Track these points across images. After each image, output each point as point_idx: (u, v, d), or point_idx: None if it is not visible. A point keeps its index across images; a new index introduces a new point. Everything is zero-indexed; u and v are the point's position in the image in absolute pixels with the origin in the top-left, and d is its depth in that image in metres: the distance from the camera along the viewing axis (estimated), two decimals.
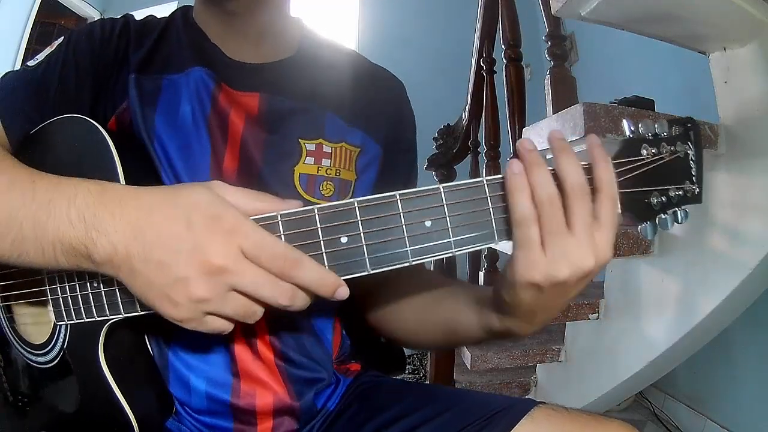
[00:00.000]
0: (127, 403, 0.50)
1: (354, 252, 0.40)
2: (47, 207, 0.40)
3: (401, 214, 0.40)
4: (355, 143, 0.62)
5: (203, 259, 0.37)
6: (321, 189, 0.59)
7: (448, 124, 1.99)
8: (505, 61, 1.56)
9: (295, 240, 0.40)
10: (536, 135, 1.24)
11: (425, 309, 0.61)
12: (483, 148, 1.69)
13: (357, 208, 0.40)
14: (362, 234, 0.40)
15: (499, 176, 0.42)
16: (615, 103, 1.11)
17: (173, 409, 0.58)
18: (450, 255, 0.41)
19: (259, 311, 0.40)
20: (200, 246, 0.37)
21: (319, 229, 0.40)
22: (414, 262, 0.41)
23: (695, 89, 1.49)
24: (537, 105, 1.60)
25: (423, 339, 0.64)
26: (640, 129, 0.43)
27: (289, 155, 0.59)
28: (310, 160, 0.59)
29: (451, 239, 0.41)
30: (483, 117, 1.73)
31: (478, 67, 1.78)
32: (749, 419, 1.61)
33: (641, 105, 1.10)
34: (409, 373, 2.57)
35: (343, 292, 0.40)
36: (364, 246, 0.40)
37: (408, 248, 0.41)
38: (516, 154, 0.41)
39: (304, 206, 0.41)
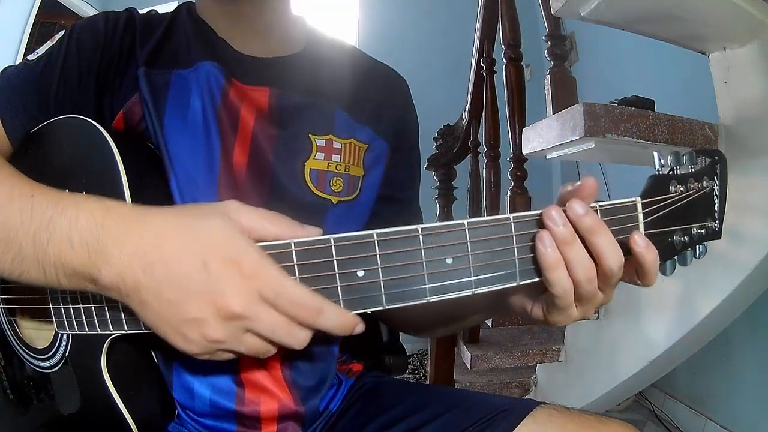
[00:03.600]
0: (128, 411, 0.49)
1: (370, 287, 0.38)
2: (47, 227, 0.38)
3: (422, 249, 0.38)
4: (364, 140, 0.62)
5: (221, 305, 0.35)
6: (331, 184, 0.59)
7: (448, 124, 1.99)
8: (505, 61, 1.56)
9: (309, 271, 0.38)
10: (536, 135, 1.23)
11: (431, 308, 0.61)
12: (483, 148, 1.69)
13: (376, 241, 0.38)
14: (380, 269, 0.38)
15: (526, 213, 0.40)
16: (615, 103, 1.11)
17: (175, 414, 0.57)
18: (469, 295, 0.39)
19: (273, 350, 0.39)
20: (217, 291, 0.35)
21: (335, 261, 0.38)
22: (432, 300, 0.39)
23: (695, 89, 1.48)
24: (537, 105, 1.60)
25: (424, 325, 0.65)
26: (670, 160, 0.43)
27: (300, 151, 0.58)
28: (320, 155, 0.59)
29: (472, 278, 0.39)
30: (483, 117, 1.73)
31: (478, 67, 1.78)
32: (749, 419, 1.61)
33: (641, 105, 1.10)
34: (409, 373, 2.57)
35: (360, 329, 0.39)
36: (381, 281, 0.38)
37: (427, 285, 0.38)
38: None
39: (321, 234, 0.39)
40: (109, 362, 0.49)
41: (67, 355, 0.51)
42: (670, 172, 0.43)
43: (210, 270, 0.35)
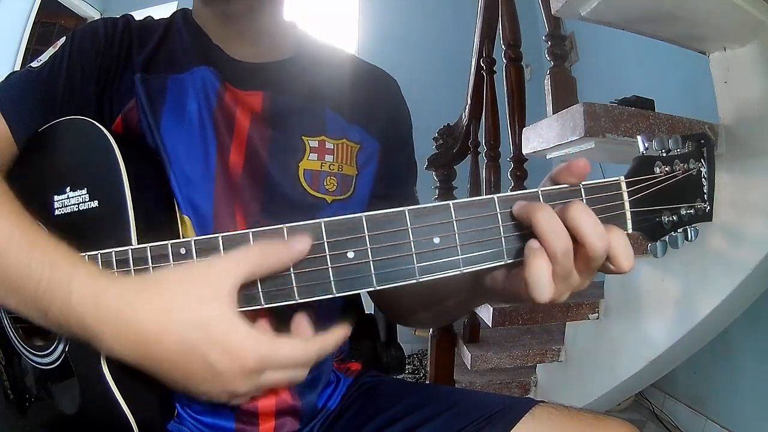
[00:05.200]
0: (129, 408, 0.49)
1: (361, 268, 0.39)
2: (46, 291, 0.39)
3: (410, 229, 0.39)
4: (355, 139, 0.64)
5: (230, 391, 0.40)
6: (325, 184, 0.60)
7: (448, 124, 1.99)
8: (505, 61, 1.56)
9: None
10: (536, 135, 1.23)
11: (417, 292, 0.60)
12: (483, 148, 1.69)
13: (365, 223, 0.39)
14: (369, 249, 0.39)
15: (510, 193, 0.41)
16: (615, 103, 1.11)
17: (174, 413, 0.57)
18: (458, 273, 0.40)
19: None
20: (224, 384, 0.39)
21: (326, 244, 0.39)
22: (422, 280, 0.40)
23: (695, 89, 1.49)
24: (537, 105, 1.60)
25: (421, 319, 0.65)
26: (654, 144, 0.43)
27: (294, 152, 0.60)
28: (313, 156, 0.60)
29: (460, 257, 0.40)
30: (483, 117, 1.73)
31: (478, 67, 1.78)
32: (749, 419, 1.61)
33: (641, 105, 1.10)
34: (409, 373, 2.57)
35: (347, 334, 0.44)
36: (371, 262, 0.39)
37: (416, 265, 0.39)
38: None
39: (310, 241, 0.40)
40: (108, 357, 0.49)
41: (66, 350, 0.51)
42: (656, 154, 0.43)
43: (213, 365, 0.38)
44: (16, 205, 0.44)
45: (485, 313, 1.41)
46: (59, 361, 0.52)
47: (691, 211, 0.43)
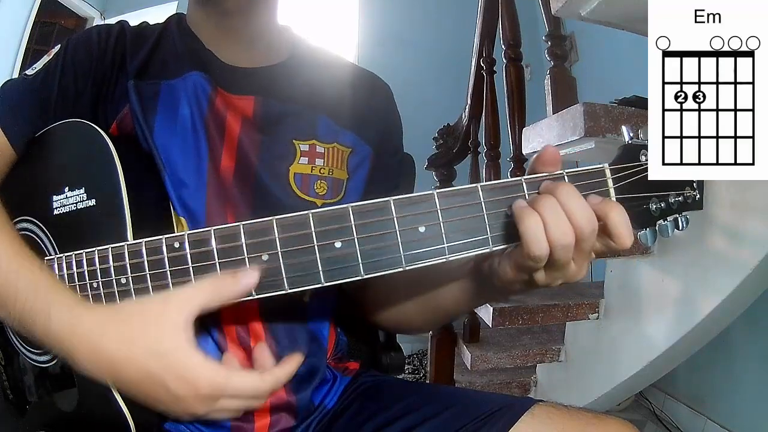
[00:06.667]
0: (126, 406, 0.49)
1: (348, 257, 0.41)
2: (30, 312, 0.44)
3: (395, 219, 0.40)
4: (347, 144, 0.64)
5: (189, 411, 0.44)
6: (315, 188, 0.61)
7: (448, 124, 1.99)
8: (505, 61, 1.56)
9: (290, 244, 0.41)
10: (536, 135, 1.24)
11: (409, 290, 0.60)
12: (483, 148, 1.69)
13: (351, 213, 0.40)
14: (356, 239, 0.40)
15: (494, 182, 0.42)
16: (615, 103, 1.11)
17: None
18: (444, 261, 0.41)
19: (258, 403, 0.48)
20: (183, 405, 0.43)
21: (314, 234, 0.41)
22: (408, 268, 0.41)
23: None
24: (537, 105, 1.60)
25: (414, 321, 0.64)
26: (640, 135, 0.43)
27: (284, 156, 0.60)
28: (304, 160, 0.61)
29: (445, 245, 0.41)
30: (483, 117, 1.73)
31: (478, 67, 1.78)
32: (749, 419, 1.61)
33: (641, 105, 1.10)
34: (409, 373, 2.57)
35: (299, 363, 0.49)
36: (358, 251, 0.41)
37: (402, 254, 0.41)
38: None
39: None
40: None
41: None
42: (643, 143, 0.43)
43: (172, 391, 0.43)
44: (4, 217, 0.49)
45: (485, 313, 1.41)
46: (56, 359, 0.53)
47: (680, 198, 0.43)
